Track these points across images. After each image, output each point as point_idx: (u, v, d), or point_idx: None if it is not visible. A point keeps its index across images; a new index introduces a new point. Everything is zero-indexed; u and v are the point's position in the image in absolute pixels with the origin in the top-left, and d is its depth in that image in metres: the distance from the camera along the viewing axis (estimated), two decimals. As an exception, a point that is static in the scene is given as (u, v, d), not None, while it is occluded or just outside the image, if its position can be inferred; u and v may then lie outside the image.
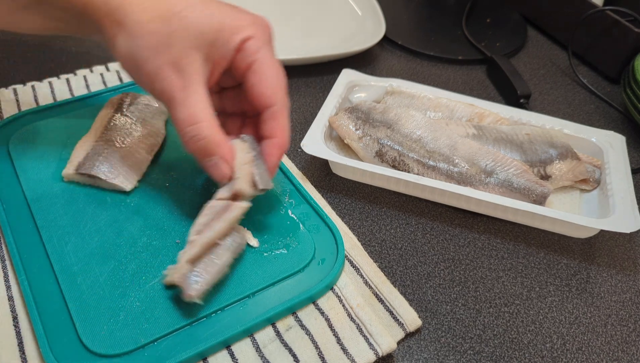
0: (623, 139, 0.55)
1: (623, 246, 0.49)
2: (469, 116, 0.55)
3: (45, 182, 0.46)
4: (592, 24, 0.70)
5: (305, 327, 0.39)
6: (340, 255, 0.42)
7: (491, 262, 0.46)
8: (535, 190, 0.48)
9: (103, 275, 0.40)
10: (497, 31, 0.78)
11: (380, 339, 0.38)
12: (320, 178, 0.52)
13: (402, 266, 0.45)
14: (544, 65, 0.73)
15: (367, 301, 0.41)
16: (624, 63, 0.67)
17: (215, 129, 0.39)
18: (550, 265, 0.47)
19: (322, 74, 0.66)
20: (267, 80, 0.40)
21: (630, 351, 0.41)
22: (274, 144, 0.41)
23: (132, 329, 0.36)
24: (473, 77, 0.70)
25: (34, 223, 0.43)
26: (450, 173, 0.49)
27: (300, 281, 0.41)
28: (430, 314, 0.42)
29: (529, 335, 0.41)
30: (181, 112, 0.38)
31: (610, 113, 0.65)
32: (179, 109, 0.38)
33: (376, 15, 0.73)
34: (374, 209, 0.50)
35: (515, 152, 0.51)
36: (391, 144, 0.50)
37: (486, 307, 0.43)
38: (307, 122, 0.58)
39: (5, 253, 0.42)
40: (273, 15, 0.74)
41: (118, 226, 0.43)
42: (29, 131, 0.50)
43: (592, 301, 0.44)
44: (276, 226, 0.44)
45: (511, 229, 0.49)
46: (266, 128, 0.41)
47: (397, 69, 0.69)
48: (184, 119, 0.38)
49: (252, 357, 0.37)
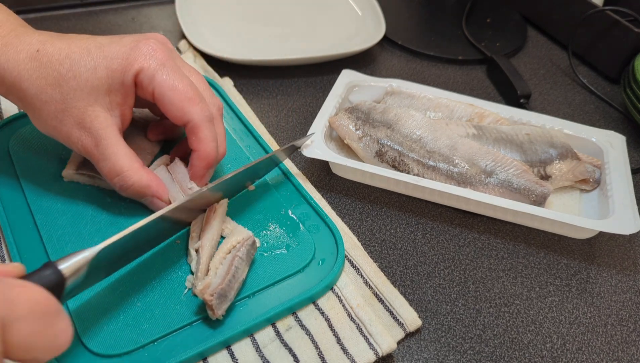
0: (623, 139, 0.55)
1: (623, 246, 0.49)
2: (469, 116, 0.55)
3: (45, 182, 0.46)
4: (592, 24, 0.70)
5: (305, 327, 0.39)
6: (340, 255, 0.42)
7: (491, 262, 0.46)
8: (535, 190, 0.48)
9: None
10: (497, 31, 0.78)
11: (380, 339, 0.38)
12: (320, 178, 0.52)
13: (402, 266, 0.45)
14: (544, 65, 0.73)
15: (367, 301, 0.41)
16: (624, 63, 0.67)
17: (139, 174, 0.41)
18: (550, 265, 0.47)
19: (322, 74, 0.66)
20: (171, 103, 0.40)
21: (630, 351, 0.41)
22: (197, 158, 0.42)
23: (132, 329, 0.36)
24: (473, 77, 0.70)
25: (34, 223, 0.43)
26: (450, 173, 0.49)
27: (300, 281, 0.41)
28: (430, 314, 0.42)
29: (529, 335, 0.41)
30: (103, 167, 0.41)
31: (610, 113, 0.65)
32: (101, 164, 0.40)
33: (376, 15, 0.73)
34: (374, 209, 0.50)
35: (515, 152, 0.51)
36: (391, 144, 0.50)
37: (486, 307, 0.43)
38: (307, 122, 0.58)
39: (5, 253, 0.42)
40: (273, 15, 0.74)
41: (118, 226, 0.43)
42: (29, 131, 0.50)
43: (592, 301, 0.44)
44: (276, 226, 0.45)
45: (511, 229, 0.49)
46: (190, 143, 0.42)
47: (397, 69, 0.69)
48: (108, 172, 0.41)
49: (252, 357, 0.37)
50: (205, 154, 0.42)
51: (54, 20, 0.71)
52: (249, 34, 0.70)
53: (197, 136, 0.41)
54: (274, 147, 0.53)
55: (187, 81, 0.41)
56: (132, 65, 0.39)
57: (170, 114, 0.41)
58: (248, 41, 0.68)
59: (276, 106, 0.61)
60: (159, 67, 0.40)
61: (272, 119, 0.59)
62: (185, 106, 0.40)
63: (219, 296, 0.36)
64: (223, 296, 0.36)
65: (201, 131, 0.41)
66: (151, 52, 0.40)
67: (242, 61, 0.62)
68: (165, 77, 0.40)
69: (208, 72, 0.61)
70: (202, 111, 0.41)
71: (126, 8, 0.75)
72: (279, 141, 0.55)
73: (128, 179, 0.40)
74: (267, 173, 0.49)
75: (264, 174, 0.48)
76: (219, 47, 0.64)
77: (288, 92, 0.63)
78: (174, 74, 0.40)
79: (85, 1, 0.74)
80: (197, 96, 0.41)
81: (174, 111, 0.40)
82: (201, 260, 0.39)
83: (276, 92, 0.63)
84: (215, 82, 0.59)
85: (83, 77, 0.39)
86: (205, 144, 0.42)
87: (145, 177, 0.41)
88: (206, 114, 0.41)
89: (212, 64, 0.63)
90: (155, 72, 0.40)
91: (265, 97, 0.62)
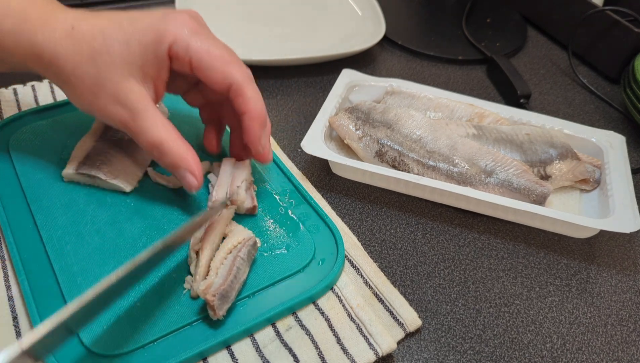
0: (623, 139, 0.55)
1: (623, 246, 0.49)
2: (469, 116, 0.55)
3: (45, 182, 0.46)
4: (592, 24, 0.70)
5: (305, 327, 0.39)
6: (340, 255, 0.42)
7: (491, 262, 0.46)
8: (535, 190, 0.48)
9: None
10: (497, 31, 0.78)
11: (380, 339, 0.38)
12: (320, 178, 0.52)
13: (402, 266, 0.45)
14: (544, 65, 0.73)
15: (367, 301, 0.41)
16: (624, 63, 0.67)
17: (176, 144, 0.40)
18: (550, 265, 0.47)
19: (322, 74, 0.66)
20: (211, 68, 0.40)
21: (630, 351, 0.41)
22: (250, 119, 0.42)
23: (132, 329, 0.36)
24: (473, 77, 0.70)
25: (34, 223, 0.42)
26: (450, 173, 0.49)
27: (300, 281, 0.41)
28: (430, 314, 0.42)
29: (529, 335, 0.41)
30: (141, 140, 0.40)
31: (610, 113, 0.65)
32: (139, 138, 0.40)
33: (376, 15, 0.73)
34: (374, 209, 0.50)
35: (515, 152, 0.51)
36: (391, 144, 0.50)
37: (486, 307, 0.43)
38: (307, 122, 0.58)
39: (5, 253, 0.42)
40: (273, 15, 0.74)
41: (118, 226, 0.43)
42: (29, 131, 0.50)
43: (592, 301, 0.44)
44: (276, 226, 0.44)
45: (511, 229, 0.49)
46: (237, 107, 0.42)
47: (397, 69, 0.69)
48: (147, 144, 0.40)
49: (252, 357, 0.37)
50: (257, 112, 0.42)
51: (54, 20, 0.71)
52: (249, 34, 0.70)
53: (244, 97, 0.41)
54: (274, 147, 0.53)
55: (221, 44, 0.42)
56: (165, 36, 0.39)
57: (212, 80, 0.41)
58: (248, 41, 0.68)
59: (276, 106, 0.61)
60: (192, 35, 0.40)
61: (272, 119, 0.59)
62: (226, 68, 0.40)
63: (220, 296, 0.36)
64: (225, 297, 0.36)
65: (247, 90, 0.41)
66: (183, 23, 0.40)
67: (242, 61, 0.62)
68: (200, 44, 0.40)
69: (208, 72, 0.61)
70: (243, 71, 0.41)
71: (126, 8, 0.74)
72: (279, 141, 0.55)
73: (165, 149, 0.40)
74: None
75: None
76: (219, 47, 0.64)
77: (288, 92, 0.63)
78: (208, 41, 0.41)
79: (85, 1, 0.74)
80: (235, 58, 0.42)
81: (215, 75, 0.40)
82: (200, 263, 0.39)
83: (276, 92, 0.63)
84: (215, 82, 0.59)
85: (116, 52, 0.39)
86: (254, 101, 0.42)
87: (183, 148, 0.41)
88: (247, 73, 0.42)
89: (212, 64, 0.63)
90: (190, 40, 0.40)
91: (265, 97, 0.62)
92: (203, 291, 0.36)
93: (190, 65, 0.40)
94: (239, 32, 0.69)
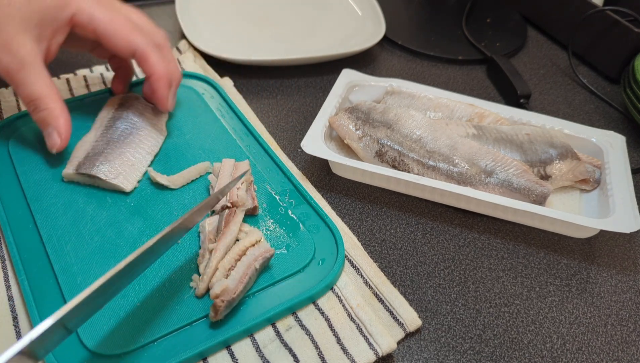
0: (623, 139, 0.55)
1: (623, 246, 0.49)
2: (469, 116, 0.55)
3: (45, 182, 0.46)
4: (592, 24, 0.70)
5: (305, 327, 0.39)
6: (340, 255, 0.42)
7: (491, 262, 0.46)
8: (535, 190, 0.48)
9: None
10: (497, 31, 0.78)
11: (380, 339, 0.38)
12: (320, 178, 0.52)
13: (402, 266, 0.45)
14: (544, 65, 0.73)
15: (367, 301, 0.41)
16: (624, 63, 0.67)
17: (53, 103, 0.43)
18: (550, 265, 0.47)
19: (322, 74, 0.66)
20: (114, 35, 0.44)
21: (630, 351, 0.41)
22: (154, 80, 0.46)
23: (132, 329, 0.36)
24: (473, 77, 0.70)
25: (34, 223, 0.43)
26: (450, 173, 0.49)
27: (300, 281, 0.41)
28: (430, 314, 0.42)
29: (529, 335, 0.41)
30: (21, 91, 0.43)
31: (610, 113, 0.65)
32: (19, 89, 0.43)
33: (376, 15, 0.73)
34: (374, 209, 0.50)
35: (515, 152, 0.51)
36: (391, 144, 0.50)
37: (486, 307, 0.43)
38: (307, 122, 0.58)
39: (5, 253, 0.42)
40: (273, 15, 0.74)
41: (118, 226, 0.43)
42: (29, 131, 0.50)
43: (592, 301, 0.44)
44: (276, 226, 0.44)
45: (511, 229, 0.49)
46: (144, 71, 0.46)
47: (397, 69, 0.69)
48: (27, 96, 0.43)
49: (252, 357, 0.37)
50: (160, 73, 0.46)
51: (54, 20, 0.71)
52: (249, 34, 0.70)
53: (148, 62, 0.45)
54: (274, 147, 0.53)
55: (124, 15, 0.45)
56: (69, 4, 0.43)
57: (116, 47, 0.44)
58: (248, 41, 0.68)
59: (276, 106, 0.61)
60: (95, 5, 0.44)
61: (272, 119, 0.59)
62: (128, 35, 0.44)
63: (228, 304, 0.36)
64: (231, 304, 0.37)
65: (150, 56, 0.45)
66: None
67: (242, 61, 0.62)
68: (104, 14, 0.44)
69: (208, 72, 0.61)
70: (146, 38, 0.45)
71: (126, 8, 0.75)
72: (279, 141, 0.55)
73: (44, 105, 0.43)
74: None
75: None
76: (219, 47, 0.64)
77: (288, 92, 0.63)
78: (112, 11, 0.44)
79: (85, 1, 0.74)
80: (137, 26, 0.45)
81: (118, 42, 0.44)
82: (211, 263, 0.39)
83: (276, 92, 0.63)
84: (215, 82, 0.59)
85: (17, 6, 0.42)
86: (157, 65, 0.46)
87: (58, 108, 0.43)
88: (150, 41, 0.45)
89: (212, 64, 0.63)
90: (93, 10, 0.43)
91: (265, 97, 0.62)
92: (217, 294, 0.36)
93: (95, 32, 0.43)
94: (239, 32, 0.69)
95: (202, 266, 0.40)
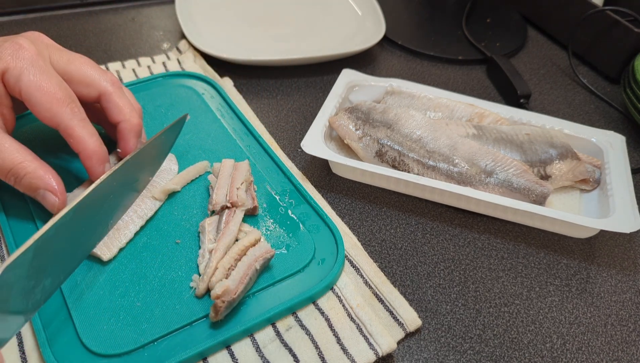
0: (623, 139, 0.55)
1: (623, 246, 0.49)
2: (469, 116, 0.55)
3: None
4: (592, 24, 0.70)
5: (305, 327, 0.39)
6: (340, 255, 0.42)
7: (491, 262, 0.46)
8: (535, 190, 0.48)
9: (103, 274, 0.40)
10: (497, 31, 0.78)
11: (380, 339, 0.38)
12: (320, 178, 0.52)
13: (402, 266, 0.45)
14: (544, 65, 0.73)
15: (367, 301, 0.41)
16: (624, 63, 0.67)
17: (34, 165, 0.39)
18: (550, 265, 0.47)
19: (322, 74, 0.66)
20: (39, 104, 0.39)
21: (630, 351, 0.41)
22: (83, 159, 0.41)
23: (132, 329, 0.36)
24: (473, 77, 0.70)
25: (34, 223, 0.42)
26: (450, 173, 0.49)
27: (300, 281, 0.41)
28: (430, 314, 0.42)
29: (529, 335, 0.41)
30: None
31: (610, 113, 0.65)
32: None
33: (376, 15, 0.73)
34: (374, 209, 0.50)
35: (515, 152, 0.51)
36: (391, 144, 0.50)
37: (486, 307, 0.43)
38: (307, 122, 0.58)
39: (6, 253, 0.42)
40: (273, 15, 0.74)
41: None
42: (29, 131, 0.50)
43: (592, 301, 0.44)
44: (276, 226, 0.44)
45: (511, 229, 0.49)
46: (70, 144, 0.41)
47: (397, 69, 0.69)
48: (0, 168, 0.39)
49: (252, 357, 0.37)
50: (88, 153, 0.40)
51: (53, 21, 0.71)
52: (249, 34, 0.70)
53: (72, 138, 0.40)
54: (274, 147, 0.53)
55: (55, 80, 0.39)
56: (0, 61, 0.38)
57: (40, 116, 0.39)
58: (248, 41, 0.68)
59: (276, 106, 0.61)
60: (26, 66, 0.39)
61: (272, 119, 0.59)
62: (53, 107, 0.39)
63: (228, 304, 0.36)
64: (231, 304, 0.37)
65: (75, 131, 0.40)
66: (17, 51, 0.39)
67: (242, 61, 0.62)
68: (32, 77, 0.38)
69: (208, 72, 0.61)
70: (73, 112, 0.40)
71: (126, 8, 0.75)
72: (279, 141, 0.55)
73: (22, 170, 0.39)
74: None
75: None
76: (219, 47, 0.64)
77: (288, 92, 0.63)
78: (42, 75, 0.39)
79: (85, 1, 0.74)
80: (67, 96, 0.40)
81: (42, 112, 0.39)
82: (211, 264, 0.39)
83: (276, 92, 0.63)
84: (215, 82, 0.59)
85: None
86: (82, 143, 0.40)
87: (40, 168, 0.39)
88: (78, 115, 0.40)
89: (212, 64, 0.63)
90: (22, 71, 0.38)
91: (265, 97, 0.62)
92: (217, 295, 0.36)
93: (21, 95, 0.39)
94: (239, 33, 0.69)
95: (202, 266, 0.40)
